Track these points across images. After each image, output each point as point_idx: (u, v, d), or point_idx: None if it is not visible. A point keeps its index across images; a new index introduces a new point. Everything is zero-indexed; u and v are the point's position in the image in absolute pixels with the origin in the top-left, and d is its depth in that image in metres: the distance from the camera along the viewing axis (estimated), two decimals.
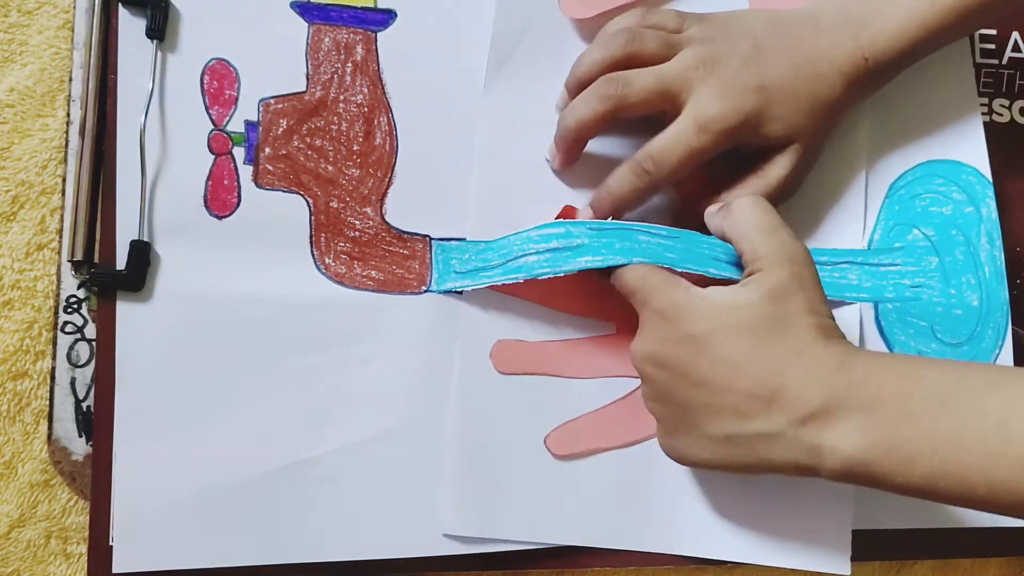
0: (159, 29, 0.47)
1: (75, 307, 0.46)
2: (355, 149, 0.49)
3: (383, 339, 0.47)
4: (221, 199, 0.47)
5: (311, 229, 0.48)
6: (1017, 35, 0.57)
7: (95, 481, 0.45)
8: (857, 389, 0.39)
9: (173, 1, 0.48)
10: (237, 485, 0.46)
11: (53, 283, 0.47)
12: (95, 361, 0.46)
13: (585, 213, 0.49)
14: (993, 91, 0.57)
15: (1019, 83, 0.57)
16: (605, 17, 0.50)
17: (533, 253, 0.47)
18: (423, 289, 0.48)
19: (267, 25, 0.49)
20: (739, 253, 0.44)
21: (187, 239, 0.47)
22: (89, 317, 0.46)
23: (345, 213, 0.48)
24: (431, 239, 0.48)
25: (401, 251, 0.48)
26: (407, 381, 0.47)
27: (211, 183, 0.47)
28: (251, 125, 0.48)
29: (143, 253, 0.46)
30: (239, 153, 0.48)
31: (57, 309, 0.47)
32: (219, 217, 0.47)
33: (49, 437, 0.46)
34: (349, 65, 0.49)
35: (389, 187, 0.49)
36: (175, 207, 0.47)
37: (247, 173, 0.48)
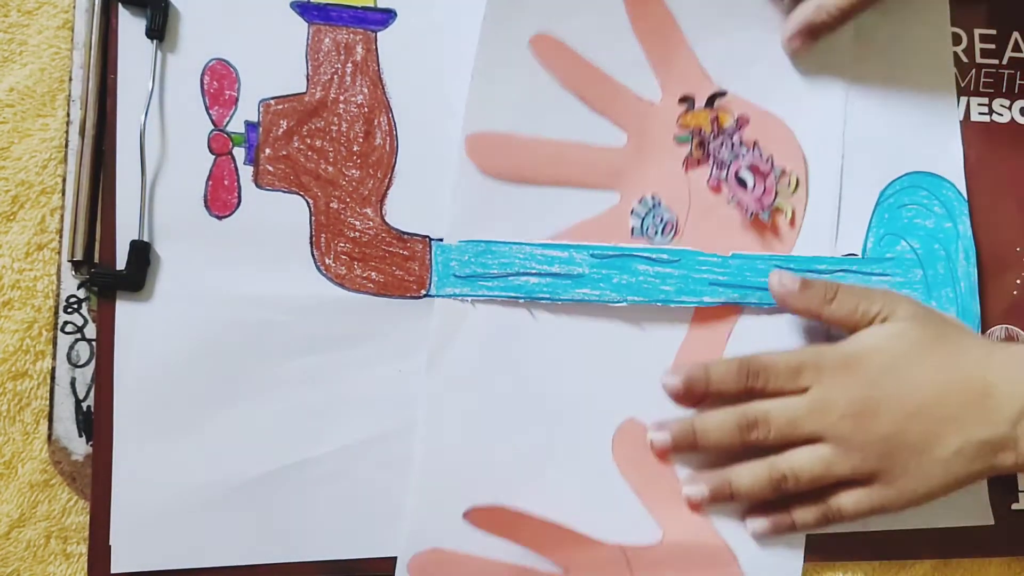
0: (159, 29, 0.47)
1: (75, 307, 0.46)
2: (355, 150, 0.49)
3: (382, 342, 0.48)
4: (221, 199, 0.47)
5: (311, 230, 0.48)
6: (1017, 35, 0.57)
7: (95, 481, 0.45)
8: None
9: (173, 1, 0.48)
10: (236, 485, 0.46)
11: (53, 283, 0.47)
12: (95, 361, 0.46)
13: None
14: (993, 91, 0.57)
15: (1019, 83, 0.57)
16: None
17: (535, 274, 0.49)
18: (422, 293, 0.48)
19: (267, 25, 0.49)
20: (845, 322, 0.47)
21: (187, 239, 0.47)
22: (89, 317, 0.46)
23: (345, 214, 0.48)
24: (431, 240, 0.48)
25: (401, 252, 0.48)
26: (405, 384, 0.48)
27: (211, 183, 0.47)
28: (251, 126, 0.48)
29: (143, 253, 0.46)
30: (239, 153, 0.48)
31: (57, 309, 0.46)
32: (219, 217, 0.47)
33: (49, 437, 0.46)
34: (349, 65, 0.49)
35: (389, 188, 0.49)
36: (175, 207, 0.47)
37: (247, 173, 0.48)
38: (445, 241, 0.49)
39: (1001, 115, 0.57)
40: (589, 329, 0.49)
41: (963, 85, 0.56)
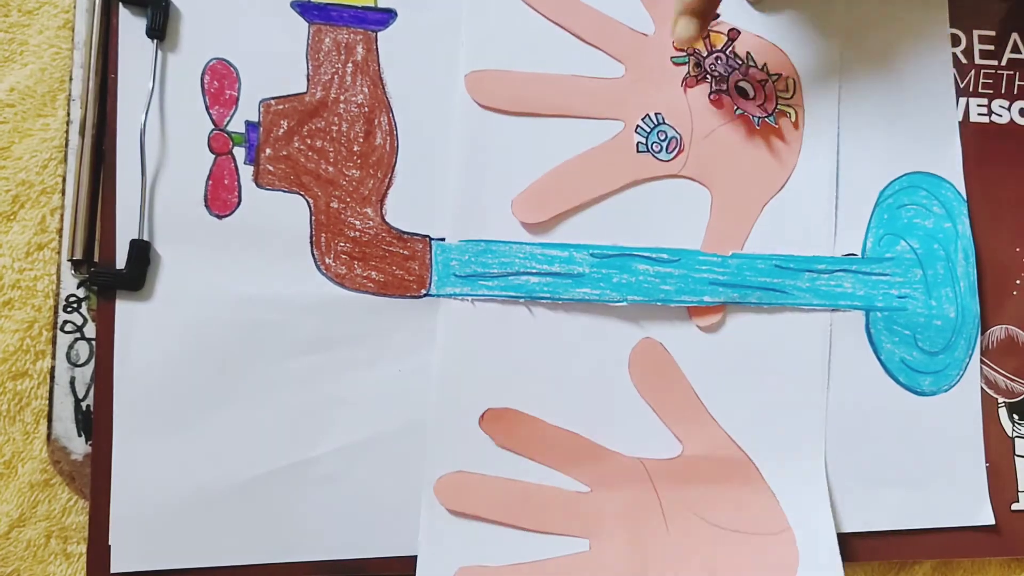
0: (159, 29, 0.47)
1: (75, 306, 0.46)
2: (355, 150, 0.49)
3: (382, 342, 0.48)
4: (221, 199, 0.47)
5: (311, 229, 0.48)
6: (1016, 36, 0.57)
7: (94, 480, 0.45)
8: None
9: (173, 1, 0.48)
10: (236, 485, 0.46)
11: (53, 283, 0.47)
12: (94, 360, 0.46)
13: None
14: (993, 91, 0.57)
15: (1019, 83, 0.57)
16: (556, 220, 0.50)
17: (535, 273, 0.49)
18: (423, 292, 0.48)
19: (268, 25, 0.49)
20: None
21: (187, 239, 0.47)
22: (89, 316, 0.46)
23: (345, 213, 0.48)
24: (431, 239, 0.48)
25: (401, 251, 0.48)
26: (405, 383, 0.48)
27: (211, 183, 0.47)
28: (252, 125, 0.48)
29: (143, 252, 0.46)
30: (239, 153, 0.48)
31: (57, 308, 0.46)
32: (219, 217, 0.47)
33: (48, 436, 0.46)
34: (350, 65, 0.49)
35: (389, 187, 0.49)
36: (175, 207, 0.47)
37: (247, 173, 0.48)
38: (450, 189, 0.49)
39: (1000, 116, 0.57)
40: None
41: (962, 86, 0.56)
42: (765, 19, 0.54)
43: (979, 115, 0.56)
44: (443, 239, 0.49)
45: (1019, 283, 0.55)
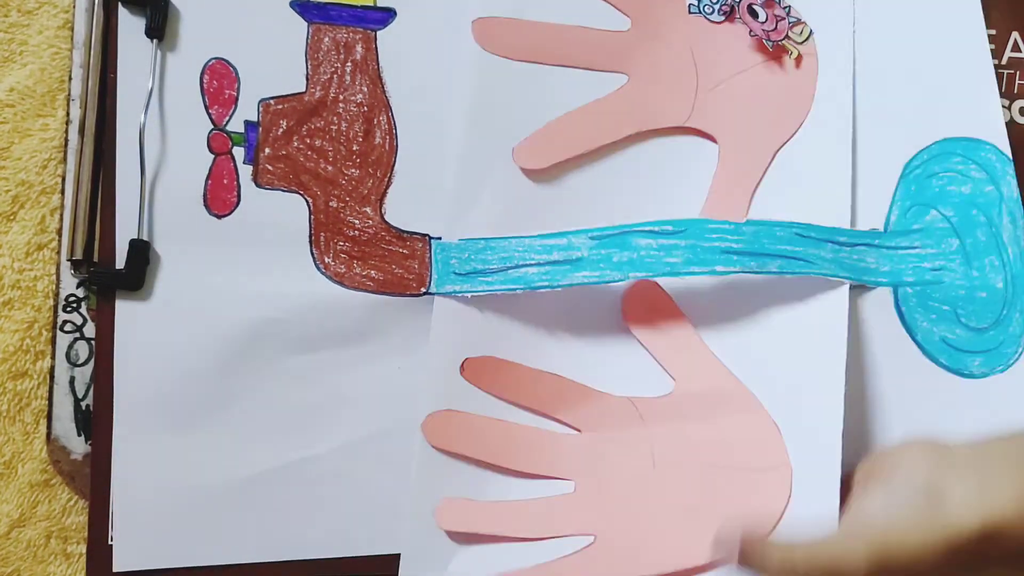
0: (159, 28, 0.47)
1: (74, 306, 0.46)
2: (355, 149, 0.49)
3: (382, 340, 0.48)
4: (221, 198, 0.47)
5: (311, 228, 0.48)
6: (1017, 35, 0.57)
7: (94, 480, 0.45)
8: None
9: (173, 0, 0.48)
10: (235, 483, 0.46)
11: (53, 283, 0.47)
12: (94, 360, 0.46)
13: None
14: None
15: (1019, 83, 0.57)
16: (559, 167, 0.49)
17: (533, 264, 0.48)
18: (422, 291, 0.48)
19: (267, 24, 0.49)
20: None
21: (186, 238, 0.47)
22: (88, 316, 0.46)
23: (345, 212, 0.48)
24: (430, 238, 0.48)
25: (400, 250, 0.48)
26: (405, 382, 0.47)
27: (211, 182, 0.47)
28: (251, 125, 0.48)
29: (142, 252, 0.46)
30: (239, 153, 0.48)
31: (56, 308, 0.47)
32: (219, 216, 0.47)
33: (48, 436, 0.46)
34: (349, 64, 0.49)
35: (388, 187, 0.49)
36: (175, 206, 0.47)
37: (247, 173, 0.48)
38: (452, 149, 0.49)
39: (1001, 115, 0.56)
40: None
41: None
42: None
43: (996, 87, 0.55)
44: (442, 238, 0.48)
45: None
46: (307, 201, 0.48)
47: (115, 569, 0.44)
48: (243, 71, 0.48)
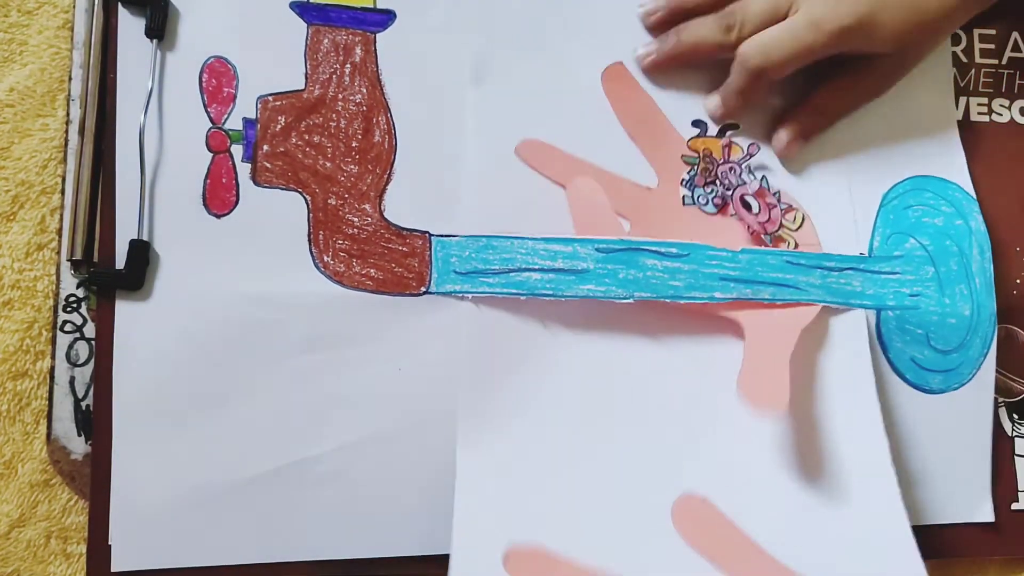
0: (158, 28, 0.47)
1: (74, 306, 0.47)
2: (353, 146, 0.49)
3: (382, 340, 0.47)
4: (220, 197, 0.47)
5: (309, 227, 0.47)
6: (1017, 35, 0.57)
7: (94, 480, 0.45)
8: None
9: (173, 1, 0.48)
10: (235, 484, 0.46)
11: (53, 283, 0.47)
12: (94, 360, 0.46)
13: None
14: (993, 91, 0.57)
15: (1019, 83, 0.57)
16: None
17: (537, 269, 0.48)
18: (422, 290, 0.48)
19: (267, 26, 0.49)
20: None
21: (186, 238, 0.47)
22: (88, 316, 0.46)
23: (343, 210, 0.48)
24: (431, 236, 0.48)
25: (400, 248, 0.48)
26: (405, 382, 0.47)
27: (210, 181, 0.47)
28: (249, 122, 0.48)
29: (142, 252, 0.46)
30: (237, 151, 0.48)
31: (56, 308, 0.47)
32: (218, 216, 0.47)
33: (48, 436, 0.46)
34: (348, 66, 0.49)
35: (388, 184, 0.49)
36: (174, 206, 0.47)
37: (245, 171, 0.48)
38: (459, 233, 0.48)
39: (1001, 115, 0.57)
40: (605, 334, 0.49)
41: (962, 85, 0.56)
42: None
43: (979, 114, 0.56)
44: (443, 235, 0.48)
45: (1019, 283, 0.55)
46: (306, 199, 0.48)
47: (113, 569, 0.44)
48: (242, 70, 0.48)
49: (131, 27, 0.47)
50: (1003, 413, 0.53)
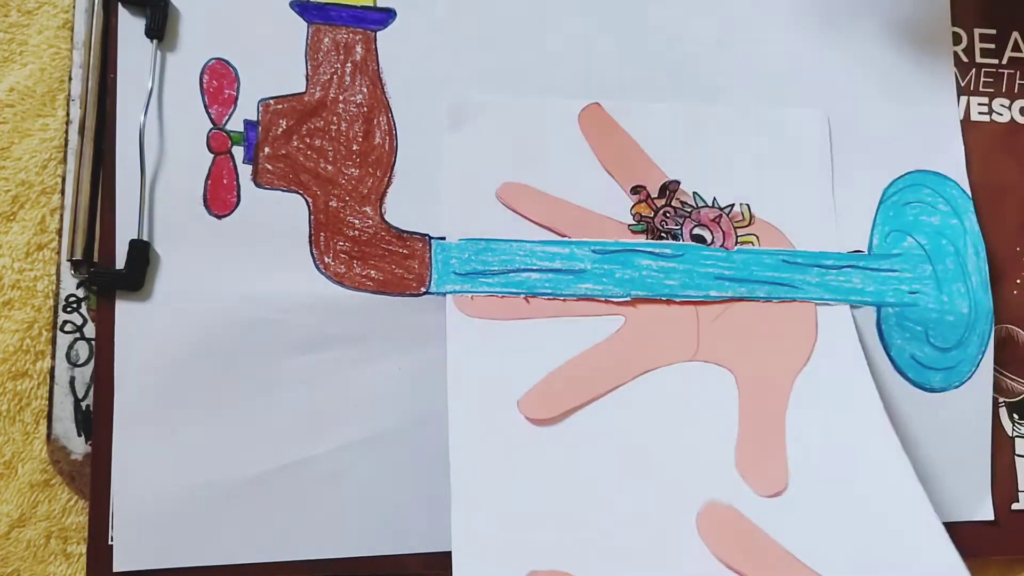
0: (159, 28, 0.47)
1: (74, 306, 0.46)
2: (354, 149, 0.49)
3: (382, 340, 0.47)
4: (220, 198, 0.47)
5: (310, 228, 0.48)
6: (1017, 35, 0.57)
7: (94, 480, 0.45)
8: None
9: (173, 0, 0.48)
10: (236, 484, 0.46)
11: (53, 283, 0.47)
12: (94, 360, 0.46)
13: None
14: (993, 91, 0.57)
15: (1019, 83, 0.57)
16: (568, 414, 0.47)
17: (536, 270, 0.48)
18: (422, 291, 0.48)
19: (267, 25, 0.49)
20: None
21: (186, 238, 0.47)
22: (88, 316, 0.46)
23: (344, 212, 0.48)
24: (431, 238, 0.48)
25: (400, 250, 0.48)
26: (405, 382, 0.47)
27: (210, 182, 0.47)
28: (250, 124, 0.48)
29: (142, 252, 0.46)
30: (238, 152, 0.48)
31: (56, 308, 0.47)
32: (218, 216, 0.47)
33: (48, 436, 0.46)
34: (348, 65, 0.49)
35: (388, 186, 0.49)
36: (174, 206, 0.47)
37: (246, 172, 0.48)
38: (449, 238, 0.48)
39: (1001, 115, 0.57)
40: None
41: (963, 85, 0.56)
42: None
43: (980, 114, 0.56)
44: (443, 238, 0.48)
45: (1019, 283, 0.55)
46: (307, 201, 0.48)
47: (115, 569, 0.44)
48: (243, 71, 0.48)
49: (131, 27, 0.47)
50: (1003, 413, 0.53)
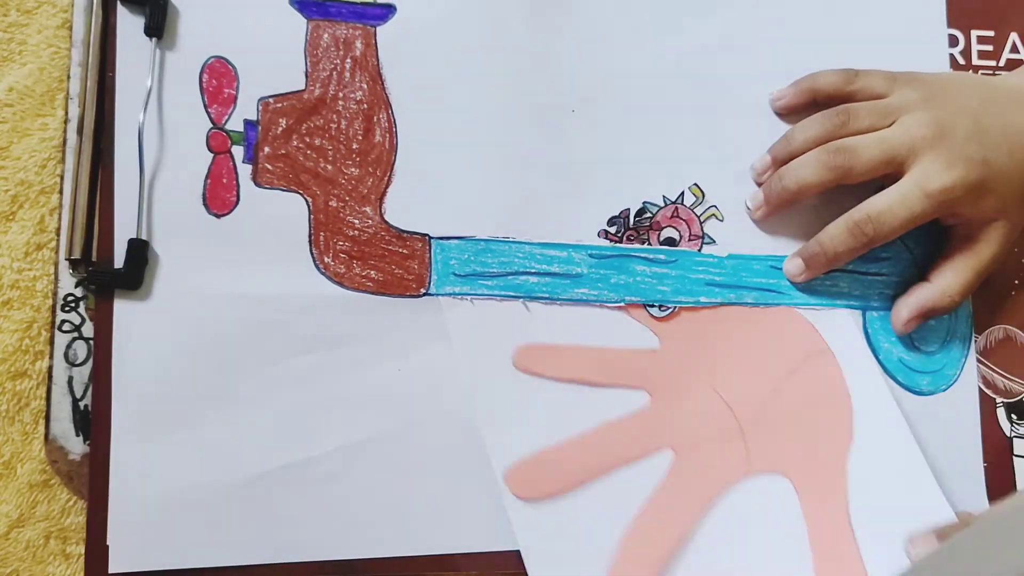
0: (157, 27, 0.47)
1: (73, 306, 0.46)
2: (354, 148, 0.49)
3: (381, 341, 0.47)
4: (220, 198, 0.47)
5: (310, 228, 0.47)
6: (1015, 36, 0.57)
7: (92, 480, 0.45)
8: None
9: None
10: (234, 484, 0.45)
11: (52, 282, 0.47)
12: (92, 360, 0.46)
13: (794, 264, 0.50)
14: None
15: None
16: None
17: (534, 273, 0.49)
18: (422, 292, 0.48)
19: (266, 22, 0.49)
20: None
21: (185, 238, 0.47)
22: (87, 316, 0.46)
23: (344, 212, 0.48)
24: (430, 238, 0.48)
25: (400, 250, 0.48)
26: (405, 382, 0.47)
27: (210, 181, 0.47)
28: (250, 124, 0.48)
29: (141, 252, 0.46)
30: (238, 152, 0.48)
31: (55, 307, 0.46)
32: (218, 216, 0.47)
33: (46, 436, 0.46)
34: (348, 61, 0.49)
35: (388, 186, 0.49)
36: (173, 205, 0.47)
37: (246, 172, 0.48)
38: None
39: None
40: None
41: None
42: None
43: None
44: (442, 238, 0.48)
45: (1018, 283, 0.55)
46: (307, 201, 0.48)
47: (111, 570, 0.44)
48: (242, 69, 0.48)
49: (130, 26, 0.47)
50: (1002, 413, 0.53)
